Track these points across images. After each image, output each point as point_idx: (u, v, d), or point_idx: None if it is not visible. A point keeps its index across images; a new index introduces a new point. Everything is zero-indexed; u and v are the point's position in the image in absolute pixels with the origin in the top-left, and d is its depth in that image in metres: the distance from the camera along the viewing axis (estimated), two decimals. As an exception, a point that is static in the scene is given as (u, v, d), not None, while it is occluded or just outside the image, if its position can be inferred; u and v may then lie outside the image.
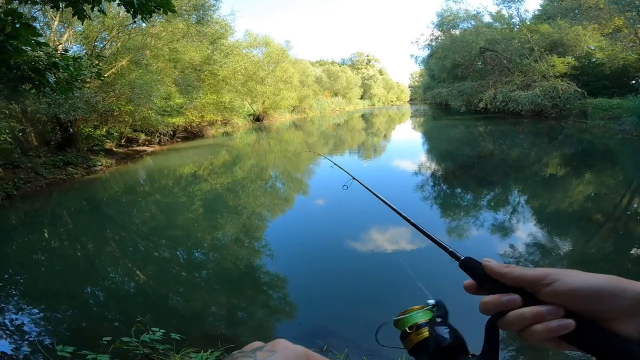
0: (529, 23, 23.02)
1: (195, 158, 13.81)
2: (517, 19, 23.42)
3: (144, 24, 12.76)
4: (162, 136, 16.38)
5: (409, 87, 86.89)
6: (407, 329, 0.44)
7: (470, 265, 0.44)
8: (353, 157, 13.52)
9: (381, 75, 75.04)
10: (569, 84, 18.27)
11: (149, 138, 16.03)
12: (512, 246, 4.58)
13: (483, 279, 0.42)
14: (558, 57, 19.35)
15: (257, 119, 28.77)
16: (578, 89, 17.99)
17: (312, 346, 2.71)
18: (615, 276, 0.36)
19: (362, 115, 39.34)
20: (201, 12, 17.48)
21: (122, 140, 14.55)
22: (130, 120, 13.16)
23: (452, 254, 0.48)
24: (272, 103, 28.76)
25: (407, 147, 15.46)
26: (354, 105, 55.51)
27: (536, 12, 24.77)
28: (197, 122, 18.68)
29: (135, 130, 14.95)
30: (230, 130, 22.52)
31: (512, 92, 20.56)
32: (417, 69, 57.91)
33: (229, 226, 6.10)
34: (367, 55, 76.44)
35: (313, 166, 11.81)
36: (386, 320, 0.57)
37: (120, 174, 11.19)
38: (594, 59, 20.48)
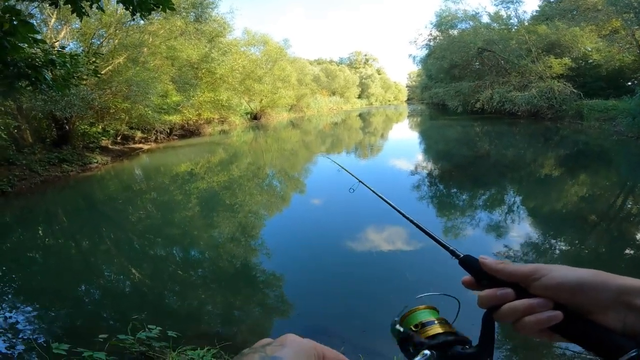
0: (527, 24, 23.09)
1: (191, 156, 13.76)
2: (515, 19, 23.59)
3: (142, 22, 12.68)
4: (158, 134, 16.30)
5: (407, 86, 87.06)
6: (412, 327, 0.46)
7: (468, 263, 0.47)
8: (350, 156, 13.54)
9: (379, 74, 75.11)
10: (565, 85, 18.38)
11: (145, 136, 15.95)
12: (506, 245, 4.63)
13: (480, 275, 0.45)
14: (555, 58, 19.46)
15: (255, 117, 28.70)
16: (574, 90, 18.09)
17: None
18: (599, 270, 0.38)
19: (360, 115, 39.38)
20: (200, 9, 17.39)
21: (118, 138, 14.46)
22: (127, 117, 13.09)
23: (452, 252, 0.50)
24: (270, 101, 28.69)
25: (403, 147, 15.50)
26: (351, 105, 55.51)
27: (534, 13, 24.80)
28: (194, 120, 18.60)
29: (131, 128, 14.87)
30: (227, 129, 22.47)
31: (508, 93, 20.66)
32: (415, 68, 58.04)
33: (225, 224, 6.09)
34: (365, 55, 76.48)
35: (310, 165, 11.82)
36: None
37: (115, 172, 11.13)
38: (591, 61, 20.58)
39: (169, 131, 16.90)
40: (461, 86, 25.13)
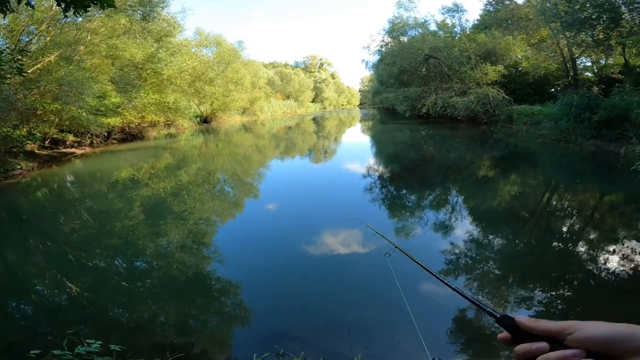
0: (468, 32, 24.55)
1: (133, 161, 12.88)
2: (459, 28, 24.97)
3: (79, 19, 11.72)
4: (94, 137, 15.04)
5: (359, 91, 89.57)
6: None
7: (505, 321, 0.51)
8: (305, 160, 13.58)
9: (333, 79, 76.50)
10: (498, 91, 19.88)
11: (78, 139, 14.64)
12: (452, 242, 4.92)
13: (517, 332, 0.49)
14: (491, 66, 20.91)
15: (205, 120, 27.71)
16: (506, 96, 19.65)
17: (268, 350, 2.70)
18: (627, 324, 0.44)
19: (314, 119, 39.72)
20: (148, 8, 16.57)
21: (47, 142, 13.10)
22: (57, 119, 11.92)
23: (490, 313, 0.55)
24: (222, 104, 27.89)
25: (356, 150, 15.89)
26: (305, 108, 55.85)
27: (476, 22, 26.28)
28: (136, 123, 17.47)
29: (62, 131, 13.55)
30: (174, 132, 21.42)
31: (450, 98, 21.96)
32: (368, 73, 59.84)
33: (174, 233, 5.78)
34: (321, 59, 77.49)
35: (263, 170, 11.65)
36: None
37: (44, 178, 10.06)
38: (520, 68, 22.65)
39: (106, 134, 15.67)
40: (409, 91, 26.29)
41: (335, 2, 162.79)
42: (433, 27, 26.81)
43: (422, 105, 24.36)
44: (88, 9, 2.87)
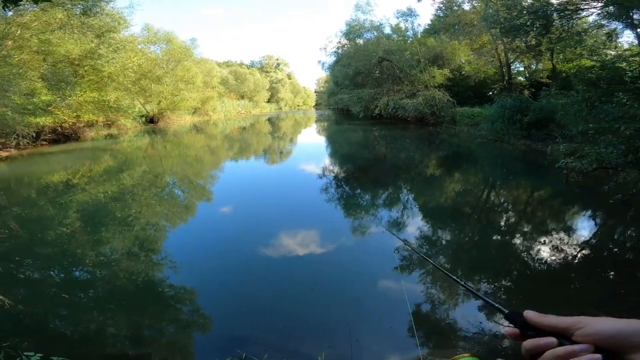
0: (419, 36, 25.66)
1: (68, 164, 11.76)
2: (411, 32, 26.06)
3: (9, 13, 10.56)
4: (20, 138, 13.49)
5: (315, 92, 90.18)
6: None
7: (514, 317, 0.52)
8: (260, 161, 13.37)
9: (289, 79, 76.15)
10: (444, 93, 21.07)
11: (2, 140, 13.03)
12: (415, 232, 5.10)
13: (525, 327, 0.50)
14: (438, 69, 22.02)
15: (151, 120, 26.14)
16: (450, 99, 20.88)
17: (230, 355, 2.63)
18: (635, 319, 0.45)
19: (269, 119, 39.28)
20: (90, 2, 15.49)
21: (-39, 144, 11.50)
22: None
23: (498, 309, 0.55)
24: (170, 104, 26.50)
25: (312, 151, 15.96)
26: (260, 109, 55.02)
27: (427, 27, 27.34)
28: (70, 123, 16.00)
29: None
30: (115, 133, 19.97)
31: (401, 100, 22.86)
32: (324, 74, 60.44)
33: (118, 240, 5.38)
34: (277, 59, 76.79)
35: (216, 172, 11.26)
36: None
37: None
38: (463, 72, 24.25)
39: (35, 135, 14.14)
40: (363, 93, 26.96)
41: (295, 4, 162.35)
42: (388, 30, 27.67)
43: (375, 106, 25.10)
44: (20, 2, 2.61)
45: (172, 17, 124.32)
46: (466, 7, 22.80)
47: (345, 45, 29.29)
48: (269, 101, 63.23)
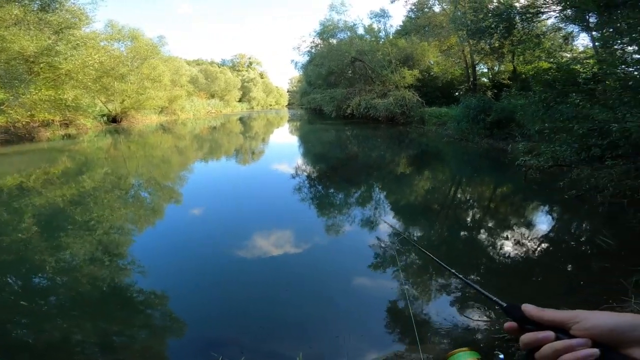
0: (391, 37, 26.13)
1: (21, 166, 10.96)
2: (384, 32, 26.51)
3: None
4: (-34, 140, 12.44)
5: (288, 91, 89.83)
6: None
7: (512, 310, 0.51)
8: (230, 162, 13.09)
9: (262, 78, 75.30)
10: (413, 94, 21.63)
11: (-57, 143, 11.94)
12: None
13: (523, 321, 0.50)
14: (408, 70, 22.56)
15: (114, 120, 24.93)
16: (419, 99, 21.46)
17: (207, 358, 2.55)
18: (631, 314, 0.46)
19: (240, 119, 38.62)
20: None
21: None
22: None
23: (496, 302, 0.54)
24: (135, 103, 25.41)
25: (284, 151, 15.88)
26: (232, 108, 54.02)
27: (398, 28, 27.97)
28: (23, 122, 14.94)
29: None
30: (74, 133, 18.85)
31: (373, 100, 23.21)
32: (297, 74, 60.18)
33: (79, 245, 5.05)
34: (249, 58, 75.64)
35: (185, 173, 10.89)
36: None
37: None
38: (432, 73, 25.02)
39: (-17, 136, 13.08)
40: (335, 92, 27.12)
41: (271, 4, 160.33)
42: (361, 30, 27.94)
43: (347, 106, 25.33)
44: None
45: (146, 15, 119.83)
46: (437, 9, 23.53)
47: (319, 45, 29.32)
48: (240, 100, 62.18)
